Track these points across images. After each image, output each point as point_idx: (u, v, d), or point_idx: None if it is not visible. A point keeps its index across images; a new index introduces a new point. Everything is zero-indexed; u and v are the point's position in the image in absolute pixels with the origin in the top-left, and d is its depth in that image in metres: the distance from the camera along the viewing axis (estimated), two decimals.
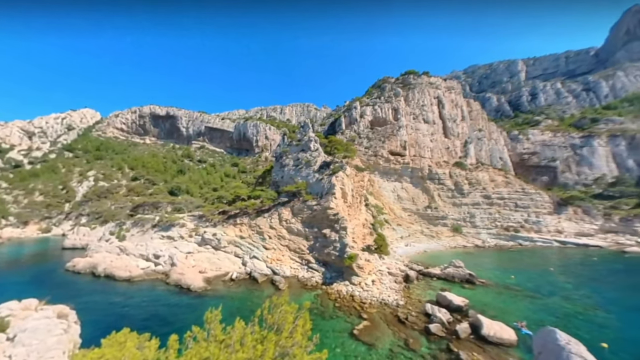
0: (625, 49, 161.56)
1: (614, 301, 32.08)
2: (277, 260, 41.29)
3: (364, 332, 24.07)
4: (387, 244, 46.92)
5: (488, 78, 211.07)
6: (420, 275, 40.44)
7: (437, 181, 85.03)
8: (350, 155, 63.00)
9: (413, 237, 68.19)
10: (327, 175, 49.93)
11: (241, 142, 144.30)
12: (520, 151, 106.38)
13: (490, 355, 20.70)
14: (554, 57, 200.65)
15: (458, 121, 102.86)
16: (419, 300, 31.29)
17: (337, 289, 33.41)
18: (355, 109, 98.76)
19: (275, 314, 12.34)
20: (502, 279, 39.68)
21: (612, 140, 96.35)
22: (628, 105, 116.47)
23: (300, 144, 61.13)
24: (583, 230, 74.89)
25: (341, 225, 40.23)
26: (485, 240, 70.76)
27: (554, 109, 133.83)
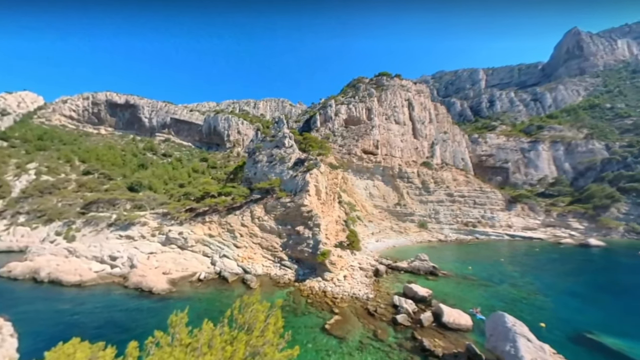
0: (565, 66, 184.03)
1: (551, 286, 36.77)
2: (248, 259, 40.31)
3: (335, 327, 24.61)
4: (359, 240, 48.33)
5: (453, 84, 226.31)
6: (389, 269, 42.36)
7: (406, 180, 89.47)
8: (325, 152, 63.50)
9: (383, 233, 71.07)
10: (302, 172, 49.79)
11: (211, 136, 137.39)
12: (479, 153, 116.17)
13: (449, 341, 22.49)
14: (509, 69, 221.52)
15: (426, 123, 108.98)
16: (388, 293, 32.80)
17: (310, 286, 33.66)
18: (331, 107, 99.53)
19: (246, 314, 12.07)
20: (461, 270, 43.20)
21: (553, 146, 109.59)
22: (566, 116, 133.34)
23: (275, 140, 60.04)
24: (528, 224, 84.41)
25: (315, 222, 40.49)
26: (447, 235, 76.31)
27: (508, 116, 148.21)
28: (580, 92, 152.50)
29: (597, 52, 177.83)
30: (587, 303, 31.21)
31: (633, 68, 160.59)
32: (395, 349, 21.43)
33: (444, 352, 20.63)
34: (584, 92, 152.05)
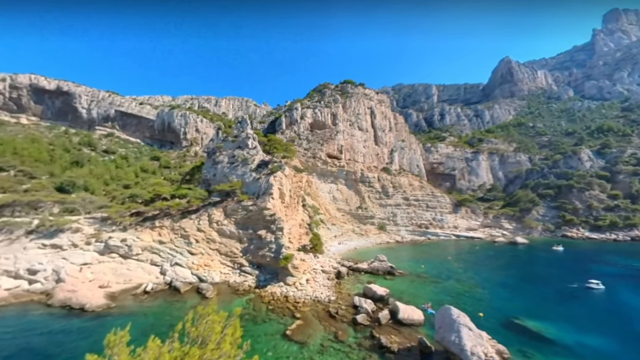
0: (500, 88, 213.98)
1: (487, 279, 41.82)
2: (204, 266, 37.59)
3: (297, 332, 24.28)
4: (322, 243, 48.80)
5: (410, 97, 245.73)
6: (350, 271, 43.51)
7: (368, 184, 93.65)
8: (290, 155, 63.05)
9: (345, 236, 72.98)
10: (265, 175, 48.55)
11: (165, 132, 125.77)
12: (431, 161, 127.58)
13: (404, 336, 23.91)
14: (456, 87, 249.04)
15: (386, 131, 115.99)
16: (349, 294, 33.61)
17: (272, 291, 32.74)
18: (297, 110, 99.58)
19: (201, 326, 11.17)
20: (415, 269, 46.53)
21: (490, 157, 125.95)
22: (500, 131, 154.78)
23: (237, 140, 57.60)
24: (471, 225, 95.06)
25: (278, 226, 39.69)
26: (403, 236, 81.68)
27: (455, 128, 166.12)
28: (511, 112, 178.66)
29: (523, 79, 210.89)
30: (515, 293, 36.22)
31: (548, 95, 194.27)
32: (355, 348, 21.98)
33: (399, 347, 21.83)
34: (514, 112, 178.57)
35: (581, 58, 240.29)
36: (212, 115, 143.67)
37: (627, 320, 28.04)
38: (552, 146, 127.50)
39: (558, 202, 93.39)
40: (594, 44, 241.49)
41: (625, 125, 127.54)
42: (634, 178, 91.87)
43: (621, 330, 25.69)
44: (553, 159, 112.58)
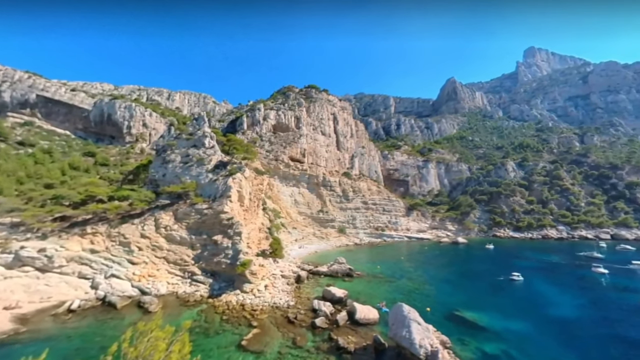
0: (446, 105, 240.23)
1: (434, 276, 45.98)
2: (148, 277, 33.66)
3: (253, 341, 23.23)
4: (282, 247, 47.94)
5: (371, 106, 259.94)
6: (310, 275, 43.50)
7: (329, 188, 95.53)
8: (251, 157, 60.88)
9: (306, 239, 72.97)
10: (223, 177, 45.94)
11: (104, 125, 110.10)
12: (388, 167, 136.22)
13: (360, 335, 24.71)
14: (410, 100, 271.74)
15: (348, 137, 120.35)
16: (308, 298, 33.51)
17: (227, 300, 30.83)
18: (259, 110, 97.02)
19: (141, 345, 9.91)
20: (371, 270, 48.72)
21: (438, 165, 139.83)
22: (446, 143, 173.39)
23: (192, 138, 53.50)
24: (421, 227, 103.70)
25: (235, 231, 37.74)
26: (362, 239, 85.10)
27: (409, 138, 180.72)
28: (455, 126, 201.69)
29: (465, 98, 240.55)
30: (456, 287, 40.47)
31: (484, 113, 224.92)
32: (313, 352, 21.92)
33: (355, 347, 22.46)
34: (457, 126, 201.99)
35: (508, 84, 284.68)
36: (163, 110, 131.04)
37: (539, 305, 33.55)
38: (486, 158, 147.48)
39: (490, 207, 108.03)
40: (517, 73, 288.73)
41: (539, 143, 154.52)
42: (544, 186, 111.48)
43: (535, 314, 30.59)
44: (487, 169, 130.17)
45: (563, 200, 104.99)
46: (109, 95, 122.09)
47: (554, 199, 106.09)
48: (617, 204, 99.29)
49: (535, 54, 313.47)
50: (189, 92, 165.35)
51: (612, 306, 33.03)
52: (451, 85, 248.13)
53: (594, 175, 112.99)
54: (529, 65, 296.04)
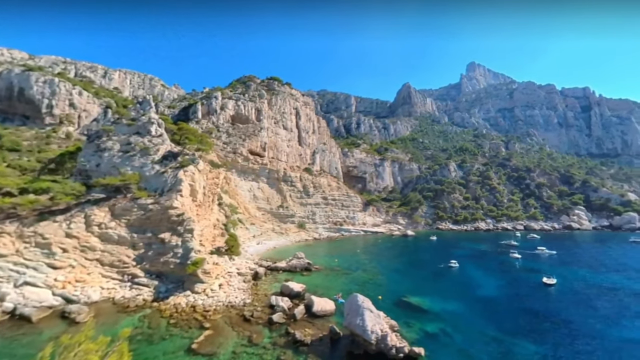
0: (401, 108, 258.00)
1: (386, 267, 49.59)
2: (76, 282, 29.07)
3: (205, 344, 22.01)
4: (239, 244, 46.18)
5: (333, 103, 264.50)
6: (268, 271, 42.88)
7: (290, 183, 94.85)
8: (206, 148, 56.68)
9: (265, 235, 71.49)
10: (173, 169, 41.91)
11: (13, 102, 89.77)
12: (347, 164, 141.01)
13: (317, 327, 25.36)
14: (370, 101, 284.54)
15: (310, 133, 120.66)
16: (266, 295, 33.02)
17: (175, 303, 28.47)
18: (216, 99, 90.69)
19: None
20: (329, 263, 50.19)
21: (392, 164, 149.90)
22: (400, 143, 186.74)
23: (135, 124, 47.43)
24: (376, 222, 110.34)
25: (186, 227, 34.92)
26: (321, 234, 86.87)
27: (368, 137, 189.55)
28: (408, 128, 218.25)
29: (417, 103, 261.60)
30: (404, 276, 44.34)
31: (432, 118, 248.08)
32: (270, 348, 21.77)
33: (312, 339, 22.99)
34: (410, 129, 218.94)
35: (453, 94, 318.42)
36: (98, 89, 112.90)
37: (470, 287, 38.90)
38: (433, 159, 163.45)
39: (435, 202, 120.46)
40: (461, 85, 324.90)
41: (475, 147, 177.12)
42: (478, 185, 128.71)
43: (466, 295, 35.40)
44: (433, 169, 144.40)
45: (491, 197, 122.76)
46: (21, 66, 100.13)
47: (485, 196, 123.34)
48: (529, 201, 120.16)
49: (475, 68, 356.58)
50: (131, 71, 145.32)
51: (522, 284, 40.08)
52: (406, 90, 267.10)
53: (514, 177, 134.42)
54: (470, 78, 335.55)
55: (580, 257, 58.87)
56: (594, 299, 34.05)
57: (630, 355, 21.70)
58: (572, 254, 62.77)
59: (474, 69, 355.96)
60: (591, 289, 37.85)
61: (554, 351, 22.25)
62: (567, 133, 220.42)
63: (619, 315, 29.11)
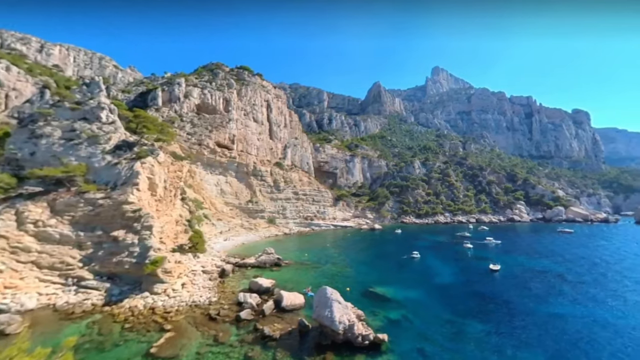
0: (372, 106, 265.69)
1: (354, 260, 51.33)
2: (4, 289, 25.18)
3: (166, 347, 20.73)
4: (204, 241, 44.03)
5: (305, 98, 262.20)
6: (236, 268, 41.65)
7: (260, 177, 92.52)
8: (167, 139, 52.46)
9: (233, 231, 69.11)
10: (128, 160, 38.08)
11: None
12: (319, 159, 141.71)
13: (286, 321, 25.41)
14: (342, 97, 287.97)
15: (282, 127, 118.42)
16: (233, 292, 32.08)
17: (131, 306, 26.26)
18: (179, 85, 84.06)
19: None
20: (299, 258, 50.42)
21: (362, 160, 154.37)
22: (370, 140, 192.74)
23: (81, 108, 41.93)
24: (345, 216, 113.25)
25: (144, 224, 32.15)
26: (291, 229, 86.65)
27: (339, 133, 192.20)
28: (377, 126, 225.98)
29: (387, 102, 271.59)
30: (371, 268, 46.40)
31: (400, 118, 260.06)
32: (237, 346, 21.29)
33: (281, 333, 22.99)
34: (380, 127, 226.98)
35: (419, 95, 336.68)
36: (32, 65, 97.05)
37: (429, 276, 42.16)
38: (400, 156, 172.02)
39: (400, 198, 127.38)
40: (426, 87, 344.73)
41: (437, 147, 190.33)
42: (438, 182, 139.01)
43: (426, 283, 38.31)
44: (400, 166, 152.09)
45: (449, 193, 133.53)
46: None
47: (444, 192, 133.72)
48: (481, 197, 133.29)
49: (439, 72, 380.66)
50: (76, 47, 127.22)
51: (473, 271, 44.59)
52: (377, 88, 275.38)
53: (469, 175, 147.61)
54: (434, 82, 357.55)
55: (520, 246, 67.30)
56: (529, 281, 39.26)
57: (553, 326, 25.55)
58: (513, 243, 71.44)
59: (438, 72, 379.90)
60: (527, 272, 43.55)
61: (496, 328, 25.27)
62: (513, 136, 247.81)
63: (547, 294, 34.03)
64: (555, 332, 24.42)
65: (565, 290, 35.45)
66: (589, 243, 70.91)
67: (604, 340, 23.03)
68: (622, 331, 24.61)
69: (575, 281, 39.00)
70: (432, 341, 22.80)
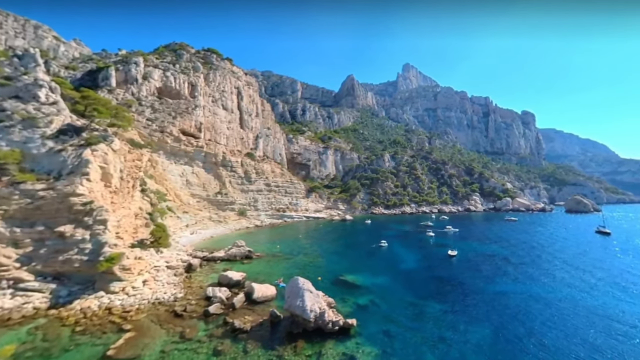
0: (345, 99, 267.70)
1: (326, 250, 52.46)
2: None
3: (125, 348, 19.42)
4: (168, 235, 41.44)
5: (278, 87, 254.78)
6: (204, 262, 40.11)
7: (230, 168, 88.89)
8: (123, 124, 47.37)
9: (200, 224, 66.01)
10: (75, 147, 33.78)
11: None
12: (292, 151, 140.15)
13: (257, 313, 25.30)
14: (316, 88, 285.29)
15: (253, 116, 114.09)
16: (201, 287, 30.96)
17: (83, 307, 23.95)
18: (137, 65, 76.00)
19: None
20: (271, 250, 50.10)
21: (335, 152, 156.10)
22: (343, 133, 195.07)
23: (12, 85, 35.91)
24: (318, 208, 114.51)
25: (97, 218, 29.10)
26: (263, 221, 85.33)
27: (313, 125, 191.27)
28: (350, 119, 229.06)
29: (360, 95, 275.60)
30: (342, 257, 47.88)
31: (372, 112, 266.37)
32: (205, 341, 20.74)
33: (251, 325, 22.86)
34: (352, 120, 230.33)
35: (390, 90, 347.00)
36: None
37: (395, 262, 44.85)
38: (371, 149, 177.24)
39: (371, 189, 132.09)
40: (397, 83, 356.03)
41: (405, 141, 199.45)
42: (406, 175, 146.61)
43: (392, 270, 40.72)
44: (371, 159, 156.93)
45: (415, 185, 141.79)
46: None
47: (411, 184, 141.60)
48: (443, 189, 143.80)
49: (409, 69, 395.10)
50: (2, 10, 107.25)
51: (434, 257, 48.42)
52: (350, 82, 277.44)
53: (433, 168, 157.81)
54: (405, 78, 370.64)
55: (474, 233, 74.51)
56: (480, 264, 43.86)
57: (498, 303, 29.04)
58: (469, 230, 78.83)
59: (409, 69, 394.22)
60: (479, 257, 48.55)
61: (452, 307, 27.97)
62: (472, 133, 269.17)
63: (494, 275, 38.40)
64: (499, 308, 27.78)
65: (509, 271, 40.30)
66: (529, 229, 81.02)
67: (536, 312, 26.81)
68: (551, 303, 28.86)
69: (517, 263, 44.50)
70: (396, 322, 24.49)
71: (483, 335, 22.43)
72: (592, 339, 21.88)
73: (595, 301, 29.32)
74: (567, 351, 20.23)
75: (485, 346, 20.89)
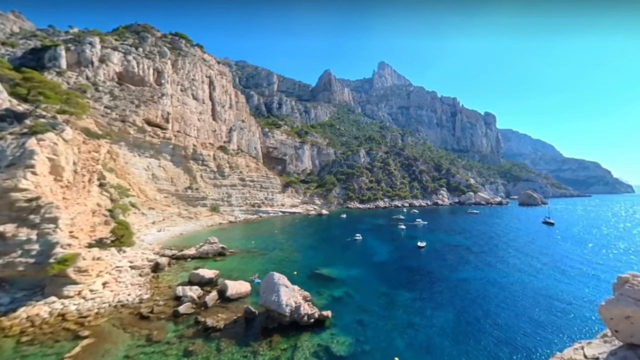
0: (322, 93, 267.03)
1: (302, 244, 52.63)
2: None
3: (83, 355, 17.91)
4: (132, 233, 38.55)
5: (253, 78, 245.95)
6: (173, 260, 38.12)
7: (201, 162, 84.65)
8: (77, 112, 42.51)
9: (168, 221, 62.35)
10: (17, 136, 29.69)
11: None
12: (267, 145, 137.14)
13: (231, 310, 24.73)
14: (293, 82, 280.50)
15: (226, 108, 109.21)
16: (170, 287, 29.44)
17: (30, 315, 21.48)
18: (92, 46, 68.38)
19: None
20: (245, 246, 49.02)
21: (312, 147, 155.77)
22: (320, 128, 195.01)
23: None
24: (294, 203, 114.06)
25: (46, 216, 26.05)
26: (237, 216, 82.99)
27: (289, 119, 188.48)
28: (327, 114, 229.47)
29: (337, 91, 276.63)
30: (317, 251, 48.41)
31: (348, 108, 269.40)
32: (175, 342, 19.85)
33: (225, 323, 22.31)
34: (329, 115, 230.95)
35: (366, 87, 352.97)
36: None
37: (369, 255, 46.46)
38: (347, 145, 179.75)
39: (346, 184, 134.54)
40: (373, 80, 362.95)
41: (380, 138, 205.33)
42: (380, 170, 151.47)
43: (366, 262, 42.16)
44: (347, 154, 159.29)
45: (389, 180, 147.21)
46: None
47: (384, 179, 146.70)
48: (414, 184, 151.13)
49: (385, 67, 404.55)
50: None
51: (404, 249, 50.99)
52: (327, 76, 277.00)
53: (405, 164, 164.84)
54: (380, 76, 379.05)
55: (441, 225, 79.68)
56: (446, 254, 47.16)
57: (461, 289, 31.56)
58: (437, 223, 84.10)
59: (384, 67, 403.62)
60: (445, 247, 52.14)
61: (420, 294, 29.82)
62: (441, 132, 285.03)
63: (457, 264, 41.57)
64: (462, 293, 30.21)
65: (470, 259, 43.88)
66: (489, 221, 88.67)
67: (493, 295, 29.62)
68: (505, 287, 32.06)
69: (478, 251, 48.58)
70: (369, 312, 25.52)
71: (447, 319, 24.28)
72: (537, 316, 24.78)
73: (540, 283, 33.14)
74: (517, 328, 22.71)
75: (449, 329, 22.67)
